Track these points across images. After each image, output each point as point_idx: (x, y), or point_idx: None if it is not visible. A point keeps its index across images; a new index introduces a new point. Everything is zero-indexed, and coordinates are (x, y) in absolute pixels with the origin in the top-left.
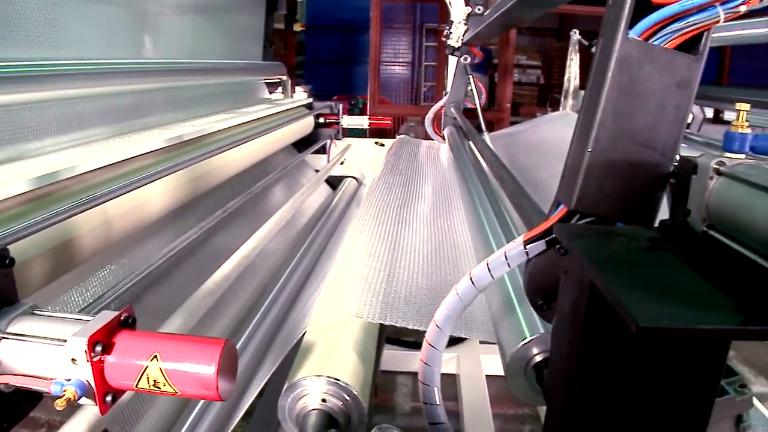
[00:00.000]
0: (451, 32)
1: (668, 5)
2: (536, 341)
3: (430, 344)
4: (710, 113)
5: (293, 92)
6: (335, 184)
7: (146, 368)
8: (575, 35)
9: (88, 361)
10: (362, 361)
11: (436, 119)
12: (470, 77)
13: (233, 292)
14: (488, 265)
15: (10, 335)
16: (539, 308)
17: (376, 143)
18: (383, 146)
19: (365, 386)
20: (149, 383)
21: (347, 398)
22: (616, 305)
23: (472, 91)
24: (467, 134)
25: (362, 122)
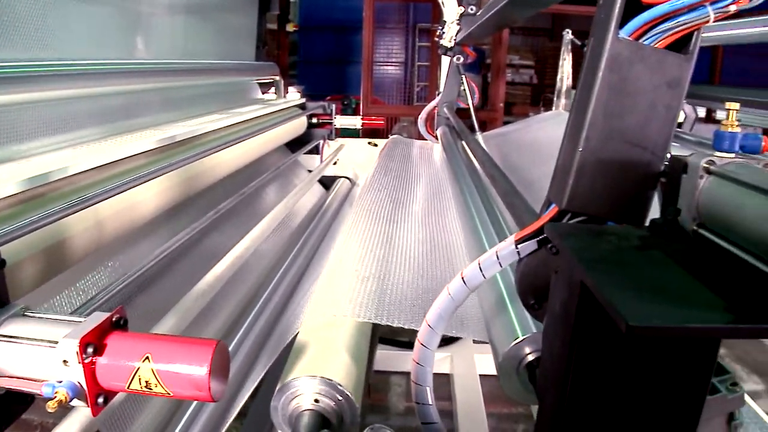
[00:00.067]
0: (443, 32)
1: (658, 5)
2: (528, 341)
3: (422, 344)
4: (702, 112)
5: (286, 92)
6: (328, 184)
7: (138, 369)
8: (568, 35)
9: (79, 362)
10: (355, 361)
11: (429, 119)
12: (463, 77)
13: (226, 292)
14: (480, 264)
15: (0, 337)
16: (531, 308)
17: (369, 143)
18: (376, 146)
19: (358, 386)
20: (141, 384)
21: (340, 398)
22: (606, 304)
23: (464, 90)
24: (460, 134)
25: (355, 122)
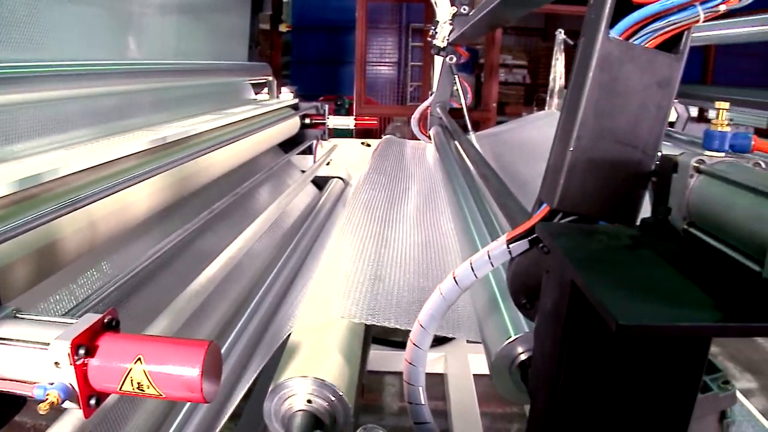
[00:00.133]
0: (436, 32)
1: (648, 5)
2: (521, 340)
3: (414, 344)
4: (695, 112)
5: (279, 93)
6: (321, 184)
7: (130, 371)
8: (560, 35)
9: (71, 364)
10: (348, 361)
11: (422, 119)
12: (456, 77)
13: (219, 293)
14: (472, 264)
15: None
16: (523, 307)
17: (362, 143)
18: (369, 146)
19: (351, 386)
20: (133, 386)
21: (333, 399)
22: (596, 304)
23: (458, 90)
24: (453, 134)
25: (348, 122)
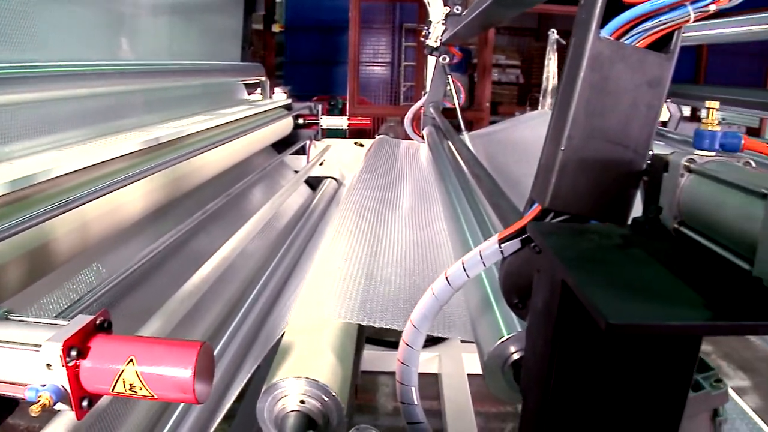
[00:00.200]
0: (429, 32)
1: (639, 4)
2: (513, 340)
3: (407, 344)
4: (687, 111)
5: (272, 93)
6: (315, 184)
7: (122, 372)
8: (553, 35)
9: (63, 366)
10: (341, 361)
11: (415, 119)
12: (449, 77)
13: (213, 294)
14: (464, 264)
15: None
16: (515, 307)
17: (355, 144)
18: (362, 147)
19: (344, 387)
20: (125, 387)
21: (326, 399)
22: (586, 303)
23: (451, 90)
24: (446, 134)
25: (341, 123)
